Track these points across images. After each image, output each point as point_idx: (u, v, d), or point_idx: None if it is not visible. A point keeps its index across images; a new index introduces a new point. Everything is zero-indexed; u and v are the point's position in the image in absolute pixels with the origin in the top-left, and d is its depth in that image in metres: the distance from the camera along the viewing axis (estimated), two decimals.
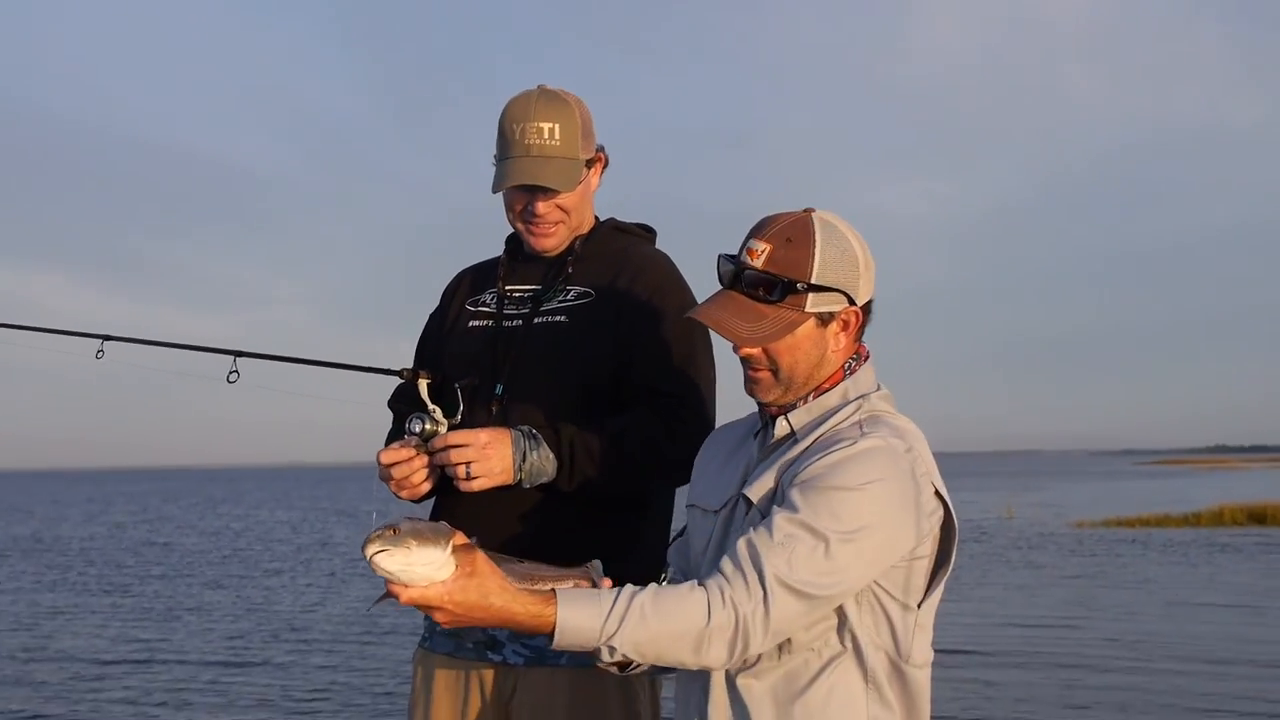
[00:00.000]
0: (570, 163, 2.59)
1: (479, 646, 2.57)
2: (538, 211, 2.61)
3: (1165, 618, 17.97)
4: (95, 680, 13.97)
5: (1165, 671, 13.74)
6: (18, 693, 13.31)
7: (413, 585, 1.78)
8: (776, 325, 1.96)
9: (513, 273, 2.74)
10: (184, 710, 12.21)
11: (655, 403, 2.55)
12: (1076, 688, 12.75)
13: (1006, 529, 35.49)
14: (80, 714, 12.09)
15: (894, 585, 1.92)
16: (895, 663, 1.94)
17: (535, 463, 2.45)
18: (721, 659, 1.84)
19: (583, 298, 2.63)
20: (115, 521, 51.10)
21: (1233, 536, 32.67)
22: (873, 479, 1.86)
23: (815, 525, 1.82)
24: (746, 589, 1.80)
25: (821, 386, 2.02)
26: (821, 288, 1.95)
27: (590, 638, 1.82)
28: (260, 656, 15.47)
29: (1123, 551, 28.50)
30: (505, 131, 2.60)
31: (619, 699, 2.53)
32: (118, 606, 21.03)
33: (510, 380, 2.60)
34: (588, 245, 2.69)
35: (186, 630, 18.02)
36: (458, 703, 2.60)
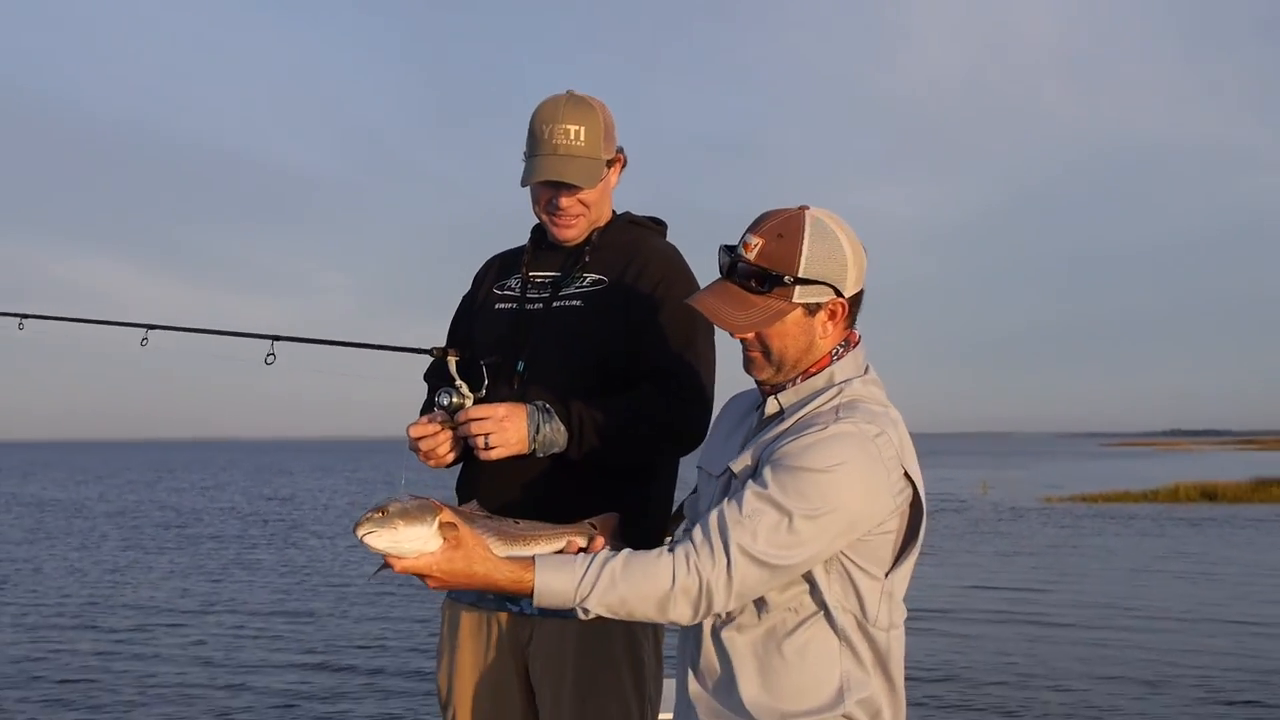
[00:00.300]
0: (593, 162, 2.61)
1: (499, 597, 2.57)
2: (561, 205, 2.63)
3: (1126, 582, 17.97)
4: (160, 628, 14.05)
5: (1126, 629, 13.79)
6: (86, 636, 13.41)
7: (404, 557, 1.86)
8: (765, 314, 1.96)
9: (536, 260, 2.75)
10: (237, 653, 12.28)
11: (659, 381, 2.56)
12: (1043, 643, 12.80)
13: (982, 503, 35.45)
14: (144, 657, 12.17)
15: (861, 557, 1.93)
16: (862, 625, 1.96)
17: (547, 434, 2.46)
18: (686, 616, 1.87)
19: (597, 285, 2.64)
20: (173, 487, 51.23)
21: (1187, 511, 32.61)
22: (839, 462, 1.86)
23: (781, 502, 1.84)
24: (712, 556, 1.84)
25: (809, 370, 2.03)
26: (808, 281, 1.95)
27: (565, 599, 1.87)
28: (306, 608, 15.56)
29: (1087, 524, 28.47)
30: (535, 131, 2.62)
31: (624, 645, 2.57)
32: (175, 563, 21.12)
33: (530, 358, 2.62)
34: (604, 236, 2.70)
35: (239, 584, 18.10)
36: (480, 647, 2.64)
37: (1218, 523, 28.86)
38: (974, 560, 20.35)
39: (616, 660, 2.56)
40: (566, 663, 2.54)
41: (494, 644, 2.62)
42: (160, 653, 12.36)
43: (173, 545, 24.40)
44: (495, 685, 2.63)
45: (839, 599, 1.94)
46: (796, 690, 1.95)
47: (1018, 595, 16.67)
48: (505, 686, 2.62)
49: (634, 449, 2.54)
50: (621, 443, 2.51)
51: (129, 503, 39.99)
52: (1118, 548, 23.23)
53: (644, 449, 2.57)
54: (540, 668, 2.58)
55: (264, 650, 12.52)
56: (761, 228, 1.98)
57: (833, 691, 1.95)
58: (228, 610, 15.40)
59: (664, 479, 2.69)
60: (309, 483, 55.35)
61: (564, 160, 2.58)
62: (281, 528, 28.96)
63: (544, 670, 2.58)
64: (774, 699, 1.95)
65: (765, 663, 1.96)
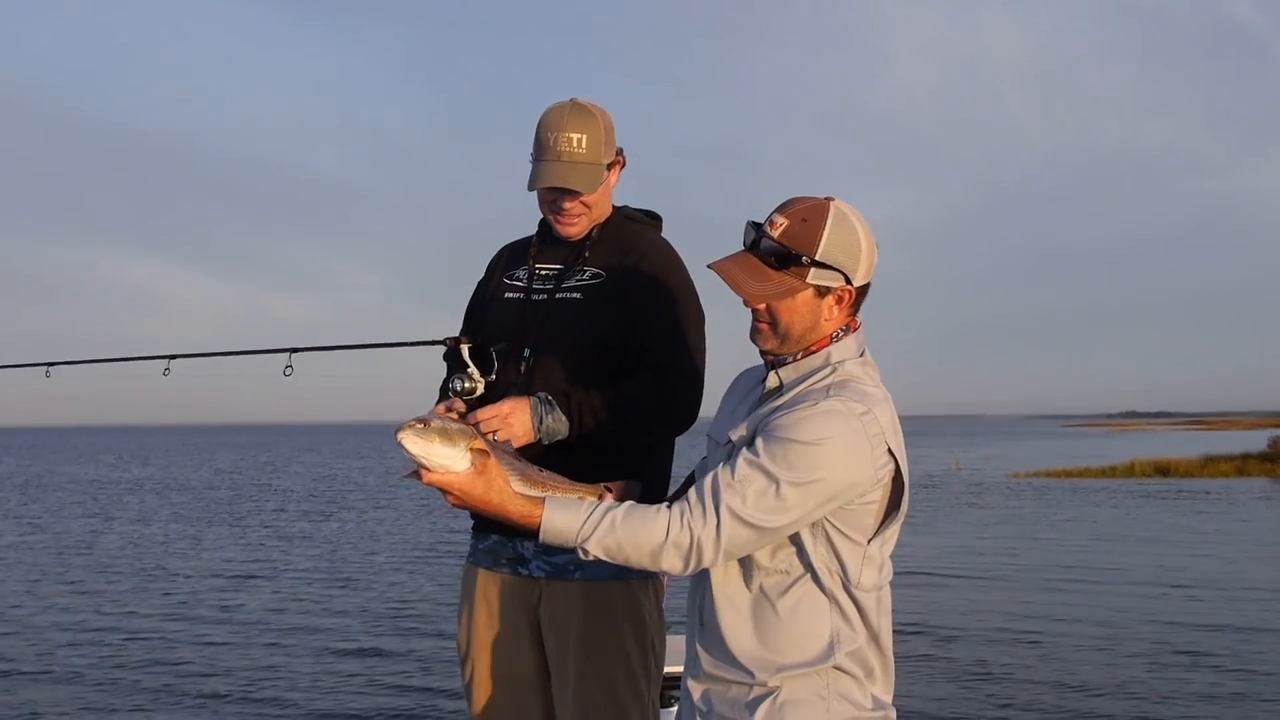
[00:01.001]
0: (594, 167, 2.58)
1: (511, 562, 2.61)
2: (565, 207, 2.61)
3: (1088, 549, 18.04)
4: (213, 593, 14.10)
5: (1087, 589, 13.91)
6: (153, 600, 13.46)
7: (433, 470, 1.88)
8: (779, 288, 1.94)
9: (542, 253, 2.73)
10: (283, 616, 12.32)
11: (653, 369, 2.54)
12: (1011, 601, 12.89)
13: (955, 478, 35.50)
14: (203, 619, 12.21)
15: (844, 523, 1.92)
16: (846, 586, 1.94)
17: (550, 425, 2.45)
18: (677, 568, 1.87)
19: (595, 279, 2.63)
20: (218, 468, 51.38)
21: (1142, 485, 32.65)
22: (825, 436, 1.84)
23: (770, 469, 1.83)
24: (704, 515, 1.84)
25: (810, 348, 2.00)
26: (823, 265, 1.92)
27: (568, 538, 1.87)
28: (355, 574, 15.66)
29: (1052, 497, 28.51)
30: (541, 137, 2.59)
31: (625, 604, 2.56)
32: (230, 533, 21.19)
33: (535, 346, 2.60)
34: (603, 232, 2.68)
35: (289, 553, 18.16)
36: (494, 606, 2.64)
37: (1170, 495, 28.89)
38: (950, 529, 20.38)
39: (618, 619, 2.55)
40: (572, 622, 2.54)
41: (507, 603, 2.62)
42: (220, 615, 12.39)
43: (227, 517, 24.46)
44: (509, 641, 2.63)
45: (824, 561, 1.93)
46: (790, 644, 1.94)
47: (990, 559, 16.78)
48: (518, 642, 2.63)
49: (630, 433, 2.52)
50: (618, 427, 2.49)
51: (185, 479, 40.08)
52: (1080, 517, 23.29)
53: (639, 432, 2.54)
54: (548, 626, 2.59)
55: (314, 615, 12.56)
56: (788, 209, 1.96)
57: (824, 645, 1.93)
58: (276, 575, 15.43)
59: (660, 459, 2.68)
60: (343, 464, 55.40)
61: (567, 167, 2.56)
62: (323, 504, 29.00)
63: (551, 628, 2.58)
64: (770, 652, 1.94)
65: (761, 619, 1.96)
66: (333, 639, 11.03)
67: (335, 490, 34.08)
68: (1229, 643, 10.36)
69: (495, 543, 2.64)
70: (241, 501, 29.77)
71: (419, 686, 9.09)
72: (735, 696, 1.97)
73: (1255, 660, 9.68)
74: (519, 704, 2.64)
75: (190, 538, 20.63)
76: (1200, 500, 27.16)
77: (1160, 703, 8.23)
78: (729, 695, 1.98)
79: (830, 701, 1.93)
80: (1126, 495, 28.75)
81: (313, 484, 37.60)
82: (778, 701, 1.93)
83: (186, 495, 32.17)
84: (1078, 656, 9.92)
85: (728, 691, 1.98)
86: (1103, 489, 31.09)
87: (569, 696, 2.55)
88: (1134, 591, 13.76)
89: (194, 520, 24.22)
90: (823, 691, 1.93)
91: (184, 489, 35.11)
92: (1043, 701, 8.30)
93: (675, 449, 2.73)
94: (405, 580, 14.92)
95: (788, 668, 1.93)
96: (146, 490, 34.73)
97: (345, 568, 16.24)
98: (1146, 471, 37.55)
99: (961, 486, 31.74)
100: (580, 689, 2.53)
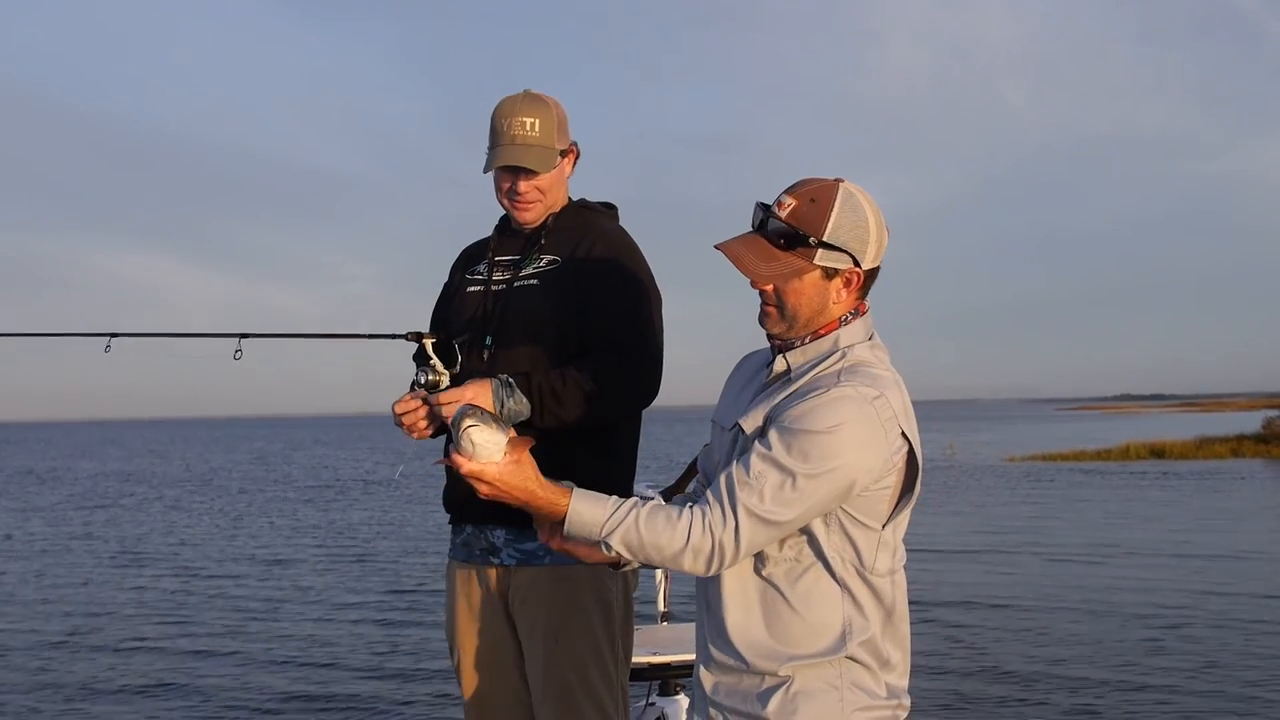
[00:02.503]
0: (547, 150, 2.66)
1: (484, 552, 2.69)
2: (520, 190, 2.68)
3: (1084, 526, 18.10)
4: (225, 578, 14.10)
5: (1082, 561, 14.10)
6: (170, 579, 13.45)
7: (474, 460, 1.86)
8: (785, 269, 1.92)
9: (500, 245, 2.80)
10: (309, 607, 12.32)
11: (610, 348, 2.59)
12: (1002, 575, 12.99)
13: (951, 463, 35.55)
14: (220, 605, 12.21)
15: (858, 510, 1.90)
16: (860, 573, 1.93)
17: (512, 406, 2.50)
18: (700, 570, 1.88)
19: (551, 265, 2.69)
20: (244, 459, 51.28)
21: (1137, 467, 32.73)
22: (838, 423, 1.83)
23: (784, 463, 1.82)
24: (723, 518, 1.84)
25: (818, 331, 1.98)
26: (831, 246, 1.90)
27: (592, 530, 1.86)
28: (364, 552, 15.62)
29: (1047, 480, 28.58)
30: (495, 125, 2.67)
31: (591, 589, 2.62)
32: (239, 522, 21.19)
33: (496, 333, 2.67)
34: (558, 221, 2.74)
35: (304, 539, 18.16)
36: (472, 598, 2.74)
37: (1165, 476, 28.95)
38: (948, 510, 20.40)
39: (585, 605, 2.62)
40: (540, 607, 2.62)
41: (483, 593, 2.71)
42: (235, 602, 12.39)
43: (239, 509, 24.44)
44: (488, 629, 2.72)
45: (837, 549, 1.91)
46: (802, 635, 1.92)
47: (987, 537, 16.91)
48: (496, 629, 2.71)
49: (591, 411, 2.57)
50: (579, 406, 2.55)
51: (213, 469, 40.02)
52: (1075, 498, 23.37)
53: (600, 410, 2.58)
54: (519, 612, 2.66)
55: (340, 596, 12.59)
56: (797, 190, 1.94)
57: (836, 636, 1.92)
58: (290, 561, 15.43)
59: (625, 436, 2.74)
60: (344, 454, 55.33)
61: (521, 149, 2.64)
62: (330, 493, 28.98)
63: (522, 614, 2.66)
64: (781, 643, 1.93)
65: (771, 610, 1.94)
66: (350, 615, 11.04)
67: (343, 479, 34.07)
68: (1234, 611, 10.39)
69: (469, 534, 2.72)
70: (254, 490, 29.75)
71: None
72: (747, 688, 1.96)
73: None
74: (504, 689, 2.72)
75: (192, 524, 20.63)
76: (1196, 481, 27.22)
77: (1150, 674, 8.25)
78: (741, 686, 1.97)
79: (844, 691, 1.92)
80: (1122, 476, 28.83)
81: (325, 473, 37.58)
82: (790, 692, 1.91)
83: (192, 485, 32.15)
84: (1070, 628, 9.97)
85: (740, 683, 1.97)
86: (1098, 471, 31.17)
87: (540, 680, 2.63)
88: (1130, 562, 13.92)
89: (198, 511, 24.21)
90: (836, 681, 1.92)
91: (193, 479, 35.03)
92: (1053, 679, 8.30)
93: (642, 428, 2.78)
94: (404, 571, 14.95)
95: (800, 658, 1.91)
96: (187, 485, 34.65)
97: (358, 549, 16.26)
98: (1142, 454, 37.62)
99: (956, 471, 31.78)
100: (550, 673, 2.61)
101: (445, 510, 2.81)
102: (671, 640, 4.00)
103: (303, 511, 24.27)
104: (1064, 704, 7.73)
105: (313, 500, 27.28)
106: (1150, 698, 7.85)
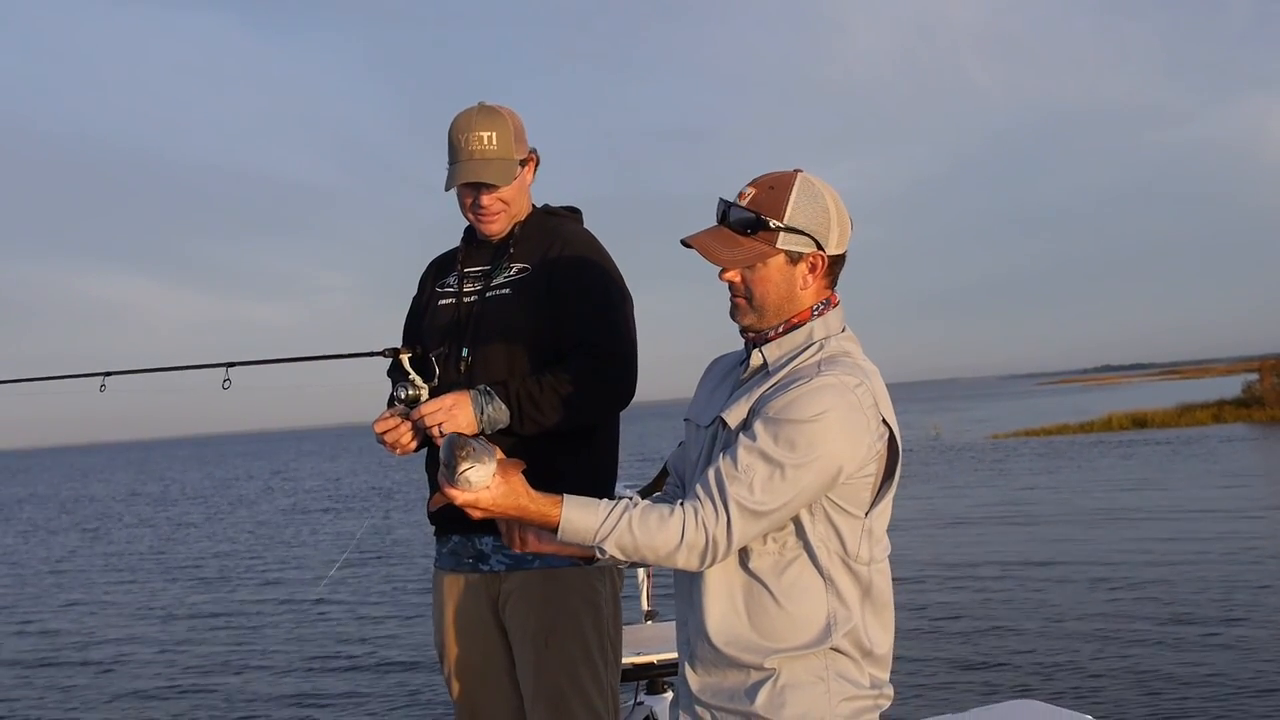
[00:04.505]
0: (506, 163, 2.67)
1: (473, 560, 2.71)
2: (483, 204, 2.69)
3: (1072, 498, 18.25)
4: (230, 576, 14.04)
5: (1070, 523, 14.47)
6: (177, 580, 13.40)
7: (467, 491, 1.86)
8: (750, 253, 1.96)
9: (469, 257, 2.81)
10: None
11: (585, 350, 2.61)
12: (997, 543, 13.08)
13: (936, 442, 35.73)
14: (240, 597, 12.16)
15: (842, 499, 1.92)
16: (845, 561, 1.94)
17: (491, 414, 2.52)
18: (694, 566, 1.89)
19: (522, 273, 2.70)
20: (248, 474, 51.09)
21: (1121, 438, 32.97)
22: (822, 411, 1.85)
23: (771, 454, 1.84)
24: (715, 513, 1.85)
25: (791, 321, 2.00)
26: (792, 229, 1.95)
27: (586, 537, 1.87)
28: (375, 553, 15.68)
29: (1033, 454, 28.76)
30: (452, 141, 2.68)
31: (580, 590, 2.63)
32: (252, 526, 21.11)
33: (472, 344, 2.68)
34: (524, 228, 2.76)
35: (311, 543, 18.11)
36: (461, 606, 2.75)
37: (1150, 445, 29.18)
38: (937, 487, 20.49)
39: (575, 607, 2.63)
40: (530, 610, 2.63)
41: (472, 601, 2.73)
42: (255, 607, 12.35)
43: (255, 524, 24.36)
44: (477, 636, 2.73)
45: (822, 539, 1.93)
46: (786, 628, 1.93)
47: (979, 509, 17.11)
48: (486, 636, 2.72)
49: (569, 414, 2.59)
50: (557, 410, 2.57)
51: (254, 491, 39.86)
52: (1060, 468, 23.54)
53: (578, 413, 2.61)
54: (509, 616, 2.68)
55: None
56: (756, 181, 2.00)
57: (821, 627, 1.92)
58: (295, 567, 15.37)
59: (604, 438, 2.75)
60: (336, 466, 55.22)
61: (480, 164, 2.65)
62: (330, 501, 28.91)
63: (512, 618, 2.67)
64: (765, 638, 1.93)
65: (756, 604, 1.94)
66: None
67: (341, 490, 33.98)
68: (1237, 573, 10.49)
69: (456, 543, 2.74)
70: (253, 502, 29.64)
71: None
72: (734, 683, 1.96)
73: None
74: (496, 694, 2.73)
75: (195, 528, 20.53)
76: (1180, 447, 27.43)
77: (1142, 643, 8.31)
78: (727, 683, 1.96)
79: (829, 683, 1.92)
80: (1106, 447, 29.03)
81: (325, 485, 37.46)
82: (778, 685, 1.92)
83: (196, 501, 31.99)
84: (1061, 592, 10.05)
85: (725, 679, 1.96)
86: (1082, 443, 31.37)
87: (532, 684, 2.64)
88: (1119, 526, 14.10)
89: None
90: (821, 673, 1.92)
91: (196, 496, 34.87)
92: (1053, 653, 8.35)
93: (620, 430, 2.79)
94: (397, 573, 14.92)
95: (784, 650, 1.91)
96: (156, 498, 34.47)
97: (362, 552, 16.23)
98: (1124, 424, 37.96)
99: (942, 450, 31.95)
100: (541, 677, 2.62)
101: (430, 521, 2.81)
102: (657, 639, 4.00)
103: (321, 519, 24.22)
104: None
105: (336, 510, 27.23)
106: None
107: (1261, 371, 39.32)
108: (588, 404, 2.61)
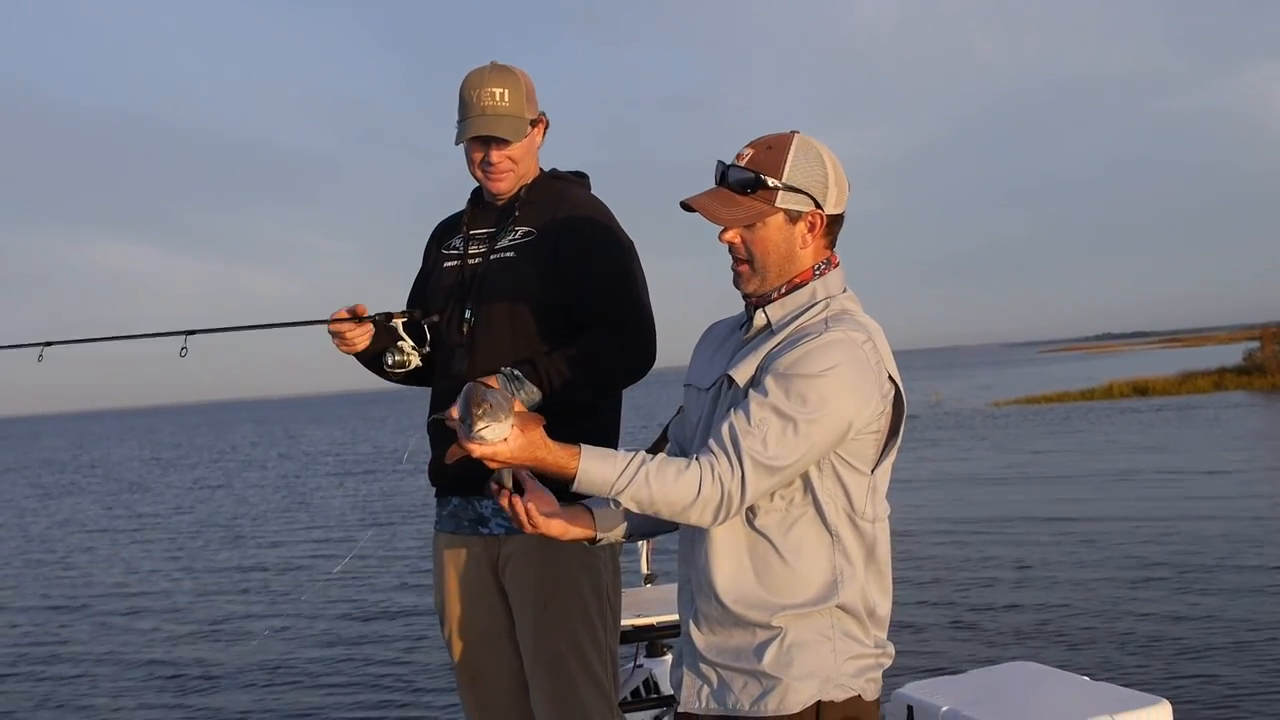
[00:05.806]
0: (517, 120, 2.68)
1: (472, 523, 2.72)
2: (492, 160, 2.69)
3: (1074, 461, 18.22)
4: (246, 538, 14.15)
5: (1073, 483, 14.28)
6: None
7: (484, 445, 1.82)
8: (749, 212, 1.97)
9: (475, 219, 2.81)
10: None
11: (605, 321, 2.61)
12: (998, 505, 13.11)
13: (937, 409, 35.75)
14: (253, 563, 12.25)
15: (850, 455, 1.94)
16: (852, 518, 1.96)
17: (524, 398, 2.51)
18: (707, 522, 1.89)
19: (527, 236, 2.70)
20: (237, 444, 51.21)
21: (1121, 405, 32.99)
22: (832, 365, 1.87)
23: (783, 408, 1.85)
24: (730, 467, 1.85)
25: (793, 281, 2.01)
26: (791, 188, 1.96)
27: (603, 488, 1.86)
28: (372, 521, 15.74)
29: (1033, 421, 28.78)
30: (464, 97, 2.69)
31: (579, 554, 2.64)
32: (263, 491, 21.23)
33: (475, 305, 2.69)
34: (531, 192, 2.75)
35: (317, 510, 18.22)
36: (461, 569, 2.77)
37: (1150, 412, 29.20)
38: (938, 451, 20.54)
39: (574, 571, 2.65)
40: (529, 574, 2.65)
41: (472, 563, 2.74)
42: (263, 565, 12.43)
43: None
44: (477, 599, 2.74)
45: (830, 495, 1.94)
46: (792, 585, 1.94)
47: (978, 474, 17.10)
48: (486, 599, 2.74)
49: (597, 385, 2.61)
50: (589, 385, 2.59)
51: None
52: (1061, 433, 23.56)
53: (605, 383, 2.63)
54: (509, 580, 2.69)
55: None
56: (755, 142, 2.02)
57: (826, 584, 1.94)
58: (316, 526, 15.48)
59: (608, 406, 2.75)
60: (344, 434, 55.28)
61: (492, 119, 2.65)
62: (334, 467, 29.01)
63: (512, 581, 2.69)
64: (772, 595, 1.94)
65: (762, 561, 1.96)
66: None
67: (343, 456, 34.09)
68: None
69: (456, 506, 2.75)
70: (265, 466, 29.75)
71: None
72: (740, 641, 1.97)
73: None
74: (495, 657, 2.75)
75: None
76: (1181, 413, 27.45)
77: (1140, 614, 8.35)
78: (733, 641, 1.98)
79: (835, 641, 1.95)
80: (1108, 414, 29.05)
81: (326, 452, 37.56)
82: (785, 644, 1.94)
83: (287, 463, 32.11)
84: (1059, 552, 10.07)
85: (731, 637, 1.98)
86: (1083, 411, 31.38)
87: (531, 646, 2.66)
88: (1122, 488, 14.12)
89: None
90: (828, 631, 1.95)
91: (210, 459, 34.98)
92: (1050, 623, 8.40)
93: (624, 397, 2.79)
94: (397, 537, 15.00)
95: (791, 608, 1.93)
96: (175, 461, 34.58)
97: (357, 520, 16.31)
98: (1125, 392, 37.94)
99: (943, 417, 31.97)
100: (540, 639, 2.64)
101: (431, 483, 2.82)
102: (657, 601, 4.02)
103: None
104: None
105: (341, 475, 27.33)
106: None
107: (1262, 339, 39.22)
108: (614, 375, 2.64)
